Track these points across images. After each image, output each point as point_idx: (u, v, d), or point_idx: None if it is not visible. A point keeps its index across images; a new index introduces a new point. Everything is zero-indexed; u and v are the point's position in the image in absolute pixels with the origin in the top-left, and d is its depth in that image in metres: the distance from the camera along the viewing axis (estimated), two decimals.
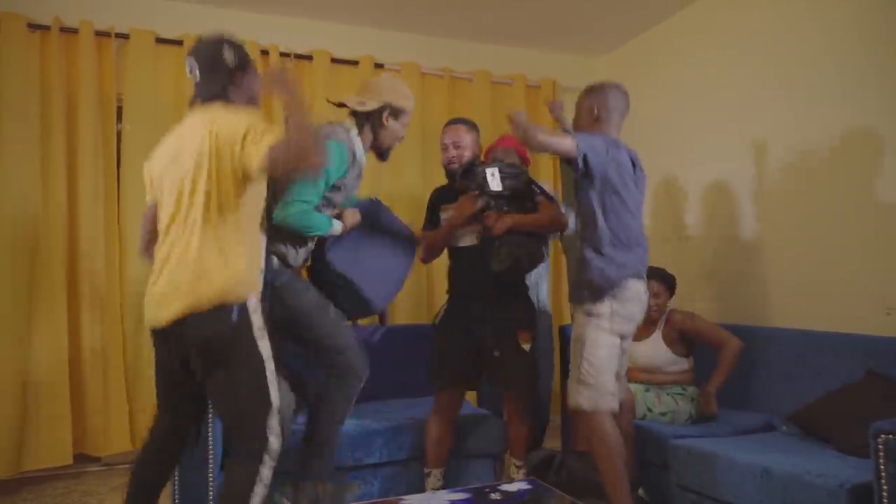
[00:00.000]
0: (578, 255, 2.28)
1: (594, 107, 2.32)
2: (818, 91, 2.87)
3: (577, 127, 2.36)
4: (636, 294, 2.24)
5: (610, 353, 2.19)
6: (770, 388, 2.71)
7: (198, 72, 1.90)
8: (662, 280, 2.84)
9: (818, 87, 2.86)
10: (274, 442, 1.74)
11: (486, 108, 4.01)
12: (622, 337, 2.25)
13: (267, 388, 1.74)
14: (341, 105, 2.40)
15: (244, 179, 1.73)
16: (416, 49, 3.97)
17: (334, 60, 3.72)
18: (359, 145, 2.30)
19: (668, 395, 2.69)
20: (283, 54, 3.63)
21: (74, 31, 3.27)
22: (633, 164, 2.29)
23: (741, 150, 3.28)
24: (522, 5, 3.61)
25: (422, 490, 2.40)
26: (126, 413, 3.23)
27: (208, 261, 1.70)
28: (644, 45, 4.03)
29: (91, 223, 3.25)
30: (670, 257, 3.71)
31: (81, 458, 3.23)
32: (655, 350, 2.76)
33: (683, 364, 2.76)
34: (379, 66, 3.82)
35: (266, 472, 1.71)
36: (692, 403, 2.67)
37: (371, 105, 2.29)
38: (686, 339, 2.78)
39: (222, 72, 1.88)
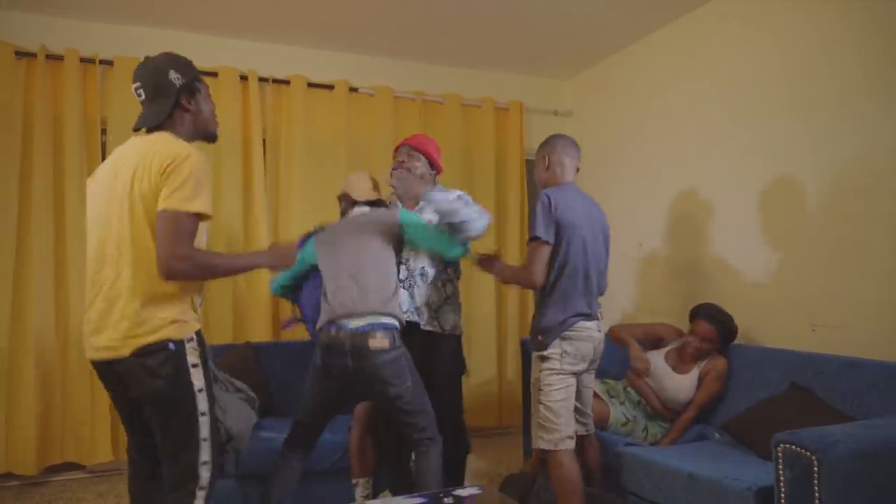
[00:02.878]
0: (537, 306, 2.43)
1: (545, 158, 2.54)
2: (760, 125, 3.12)
3: (537, 176, 2.60)
4: (586, 335, 2.34)
5: (567, 394, 2.30)
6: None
7: (143, 93, 1.82)
8: (713, 321, 2.84)
9: (771, 114, 3.09)
10: (204, 477, 1.73)
11: (457, 129, 4.23)
12: (576, 374, 2.35)
13: (196, 423, 1.72)
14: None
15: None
16: (389, 73, 4.17)
17: (311, 85, 3.90)
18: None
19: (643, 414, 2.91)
20: (261, 79, 3.81)
21: (60, 58, 3.42)
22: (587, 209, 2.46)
23: (692, 175, 3.54)
24: (491, 31, 3.82)
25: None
26: (108, 424, 3.39)
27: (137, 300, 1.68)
28: (608, 69, 4.27)
29: (77, 240, 3.38)
30: (625, 272, 3.97)
31: (67, 467, 3.39)
32: (687, 388, 2.81)
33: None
34: (353, 90, 4.02)
35: None
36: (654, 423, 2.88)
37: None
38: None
39: (168, 94, 1.80)
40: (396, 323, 2.31)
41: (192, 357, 1.75)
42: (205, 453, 1.75)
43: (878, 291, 2.60)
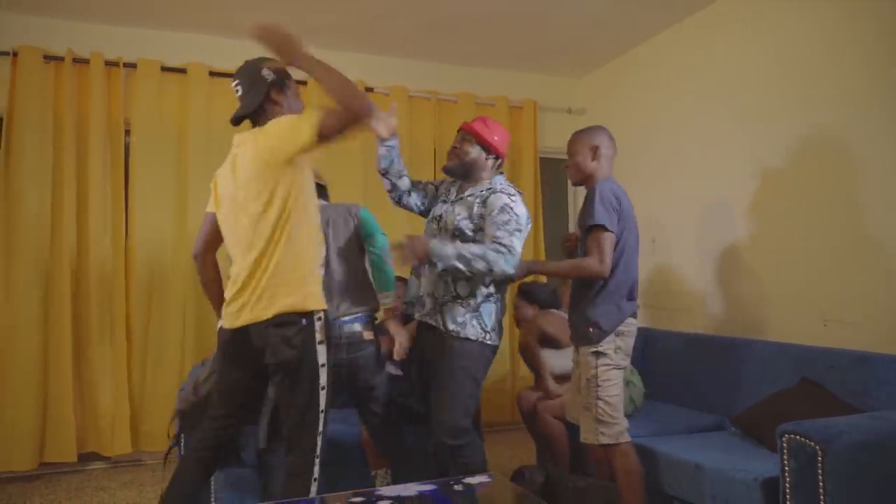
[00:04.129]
0: (582, 298, 2.38)
1: (595, 150, 2.43)
2: (772, 124, 3.13)
3: (579, 167, 2.46)
4: (633, 330, 2.39)
5: (620, 389, 2.33)
6: (723, 392, 2.97)
7: (240, 88, 2.03)
8: (526, 296, 3.15)
9: (780, 114, 3.10)
10: (316, 469, 1.92)
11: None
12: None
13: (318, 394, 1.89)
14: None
15: (303, 164, 1.90)
16: (403, 73, 4.23)
17: None
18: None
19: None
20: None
21: (86, 62, 3.54)
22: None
23: (705, 172, 3.55)
24: (504, 31, 3.87)
25: None
26: (128, 417, 3.50)
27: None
28: (621, 67, 4.29)
29: (100, 234, 3.52)
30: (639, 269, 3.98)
31: (89, 457, 3.52)
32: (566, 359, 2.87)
33: (569, 358, 2.72)
34: (369, 89, 4.09)
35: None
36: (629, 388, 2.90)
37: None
38: (546, 339, 3.03)
39: (260, 88, 1.98)
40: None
41: (319, 334, 1.90)
42: (318, 445, 1.91)
43: (890, 287, 2.59)
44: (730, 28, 3.38)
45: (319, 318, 1.92)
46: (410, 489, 2.05)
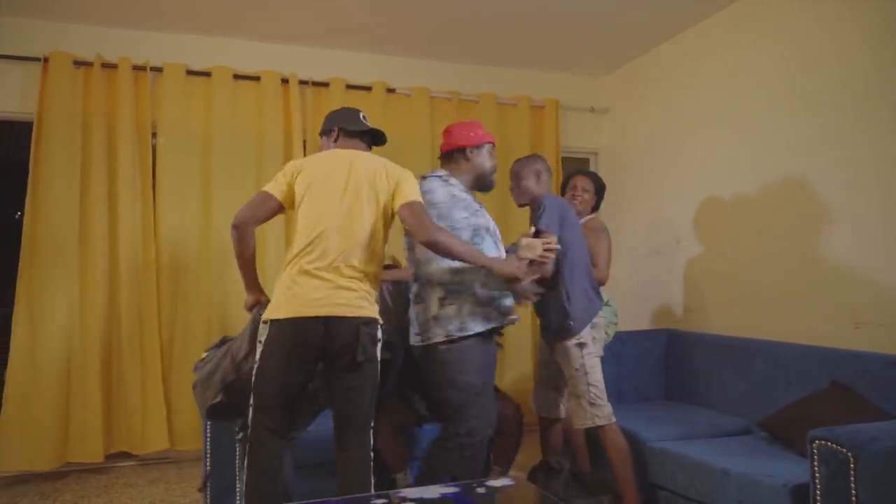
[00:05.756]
0: (560, 296, 2.55)
1: (539, 175, 2.68)
2: (802, 116, 3.07)
3: (528, 190, 2.67)
4: (601, 322, 2.68)
5: (601, 374, 2.56)
6: (749, 395, 2.92)
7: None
8: (591, 178, 3.15)
9: (802, 112, 3.05)
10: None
11: (492, 127, 4.25)
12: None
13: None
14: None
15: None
16: (425, 74, 4.24)
17: (349, 87, 4.01)
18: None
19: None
20: (302, 82, 3.93)
21: (114, 66, 3.61)
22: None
23: (732, 169, 3.49)
24: (526, 30, 3.85)
25: None
26: (164, 414, 3.56)
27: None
28: (645, 66, 4.24)
29: (129, 234, 3.57)
30: (664, 269, 3.94)
31: (118, 456, 3.57)
32: None
33: None
34: (391, 90, 4.11)
35: None
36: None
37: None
38: None
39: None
40: None
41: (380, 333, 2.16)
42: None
43: None
44: (753, 27, 3.32)
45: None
46: (433, 491, 2.05)
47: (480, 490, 2.02)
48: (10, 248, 3.77)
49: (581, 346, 2.53)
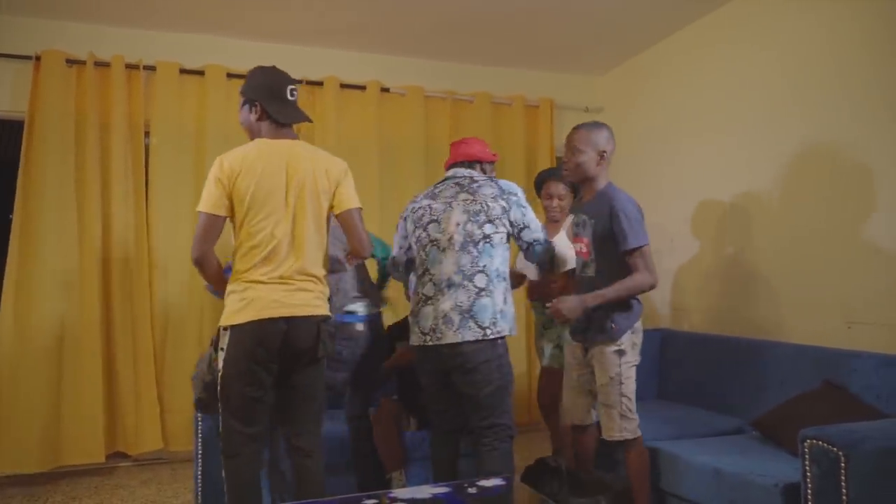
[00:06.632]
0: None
1: (602, 154, 2.40)
2: (797, 116, 3.07)
3: (582, 169, 2.41)
4: (641, 328, 2.42)
5: (635, 384, 2.36)
6: (742, 394, 2.92)
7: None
8: (565, 182, 2.98)
9: (797, 113, 3.04)
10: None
11: (486, 127, 4.26)
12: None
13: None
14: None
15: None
16: (420, 73, 4.23)
17: (343, 86, 4.00)
18: None
19: None
20: (295, 81, 3.90)
21: (107, 65, 3.59)
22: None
23: (725, 170, 3.49)
24: (521, 30, 3.84)
25: None
26: (157, 413, 3.54)
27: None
28: (640, 66, 4.24)
29: (122, 233, 3.55)
30: (658, 269, 3.93)
31: (113, 456, 3.55)
32: (566, 242, 2.77)
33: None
34: (385, 90, 4.10)
35: None
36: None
37: None
38: None
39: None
40: None
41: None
42: None
43: None
44: (750, 25, 3.32)
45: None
46: (424, 491, 2.04)
47: (472, 490, 2.01)
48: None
49: (620, 353, 2.32)
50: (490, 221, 2.32)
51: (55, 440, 3.38)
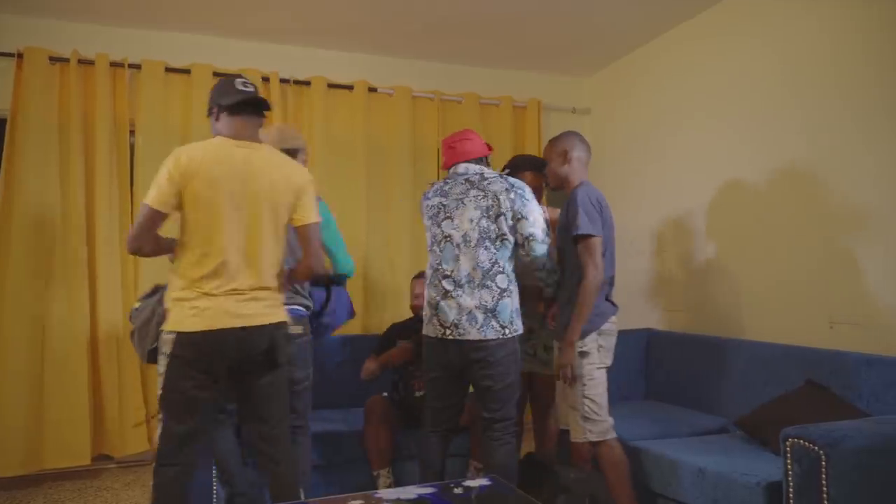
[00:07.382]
0: (567, 299, 2.43)
1: (566, 154, 2.49)
2: (777, 123, 3.10)
3: (552, 172, 2.54)
4: (614, 329, 2.44)
5: (605, 387, 2.38)
6: (727, 394, 2.94)
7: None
8: (535, 168, 2.81)
9: (787, 114, 3.06)
10: None
11: (474, 127, 4.22)
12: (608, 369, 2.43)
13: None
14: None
15: None
16: (407, 73, 4.22)
17: (330, 85, 3.98)
18: None
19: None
20: (283, 80, 3.90)
21: (91, 63, 3.55)
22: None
23: (711, 171, 3.51)
24: (509, 30, 3.84)
25: None
26: (143, 415, 3.49)
27: None
28: (627, 67, 4.26)
29: (107, 233, 3.51)
30: (644, 270, 3.96)
31: (97, 458, 3.50)
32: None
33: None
34: (373, 90, 4.09)
35: None
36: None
37: None
38: None
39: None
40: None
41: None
42: None
43: None
44: (737, 27, 3.35)
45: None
46: (410, 492, 2.04)
47: (458, 490, 2.02)
48: None
49: (582, 354, 2.34)
50: (502, 215, 2.36)
51: (38, 443, 3.33)
